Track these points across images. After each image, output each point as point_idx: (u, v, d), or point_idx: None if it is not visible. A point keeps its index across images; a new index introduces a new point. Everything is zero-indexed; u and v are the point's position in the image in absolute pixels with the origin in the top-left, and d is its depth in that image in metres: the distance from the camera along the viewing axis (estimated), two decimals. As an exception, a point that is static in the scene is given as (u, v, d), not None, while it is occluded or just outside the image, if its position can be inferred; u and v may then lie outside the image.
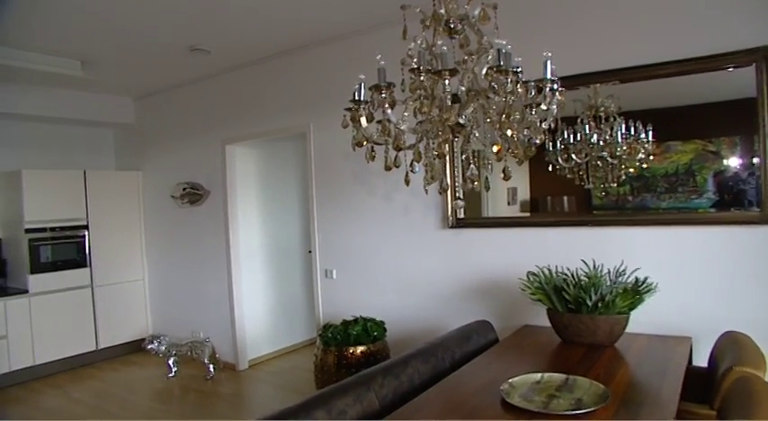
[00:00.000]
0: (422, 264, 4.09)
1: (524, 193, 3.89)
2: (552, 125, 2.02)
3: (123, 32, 4.17)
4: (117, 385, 5.25)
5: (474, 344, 3.16)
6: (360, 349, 3.72)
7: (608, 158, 3.67)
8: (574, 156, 3.78)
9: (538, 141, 1.92)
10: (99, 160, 6.62)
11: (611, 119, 3.69)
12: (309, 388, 4.63)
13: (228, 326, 5.50)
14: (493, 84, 1.89)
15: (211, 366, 5.22)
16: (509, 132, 1.82)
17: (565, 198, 3.85)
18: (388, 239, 4.26)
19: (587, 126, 3.71)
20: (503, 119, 1.80)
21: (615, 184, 3.64)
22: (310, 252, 6.21)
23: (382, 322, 3.92)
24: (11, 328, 5.30)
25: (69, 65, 4.73)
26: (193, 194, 5.58)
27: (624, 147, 3.63)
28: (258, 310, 5.71)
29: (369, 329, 3.77)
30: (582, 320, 2.90)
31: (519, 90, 1.81)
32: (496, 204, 3.92)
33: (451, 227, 3.88)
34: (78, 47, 4.47)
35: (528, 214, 3.84)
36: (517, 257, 3.66)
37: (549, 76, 1.89)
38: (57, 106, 5.75)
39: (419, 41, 1.91)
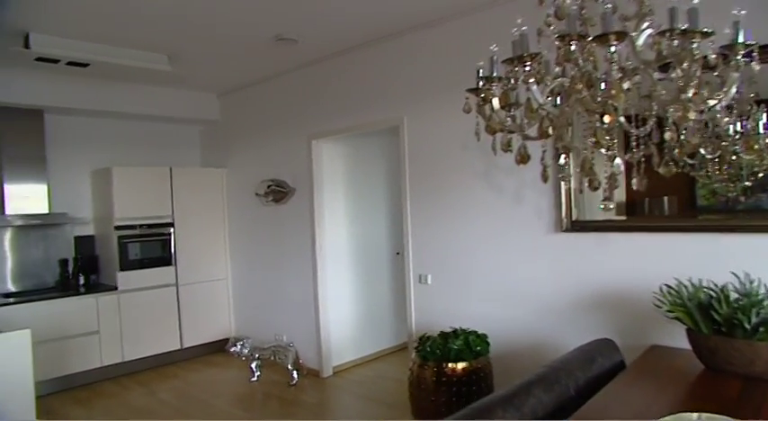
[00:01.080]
0: (529, 271, 3.66)
1: (619, 193, 3.39)
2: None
3: (209, 22, 4.00)
4: (199, 387, 5.14)
5: (598, 368, 2.72)
6: (461, 365, 3.35)
7: (742, 154, 3.13)
8: (702, 150, 3.25)
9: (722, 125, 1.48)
10: (185, 157, 6.62)
11: (749, 107, 3.13)
12: (397, 400, 4.34)
13: (313, 331, 5.27)
14: (665, 53, 1.47)
15: (295, 372, 5.00)
16: (692, 115, 1.41)
17: (665, 199, 3.33)
18: (490, 242, 3.86)
19: (718, 115, 3.18)
20: (684, 97, 1.38)
21: (749, 184, 3.10)
22: (398, 253, 5.96)
23: (485, 336, 3.54)
24: (102, 324, 5.32)
25: (157, 59, 4.64)
26: (278, 192, 5.39)
27: (767, 140, 3.08)
28: (344, 314, 5.46)
29: (471, 344, 3.40)
30: (735, 346, 2.41)
31: (712, 58, 1.39)
32: (592, 205, 3.44)
33: (565, 230, 3.43)
34: (165, 40, 4.37)
35: (624, 217, 3.35)
36: (643, 266, 3.19)
37: (741, 40, 1.45)
38: (146, 103, 5.76)
39: (568, 1, 1.52)
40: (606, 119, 1.41)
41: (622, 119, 1.73)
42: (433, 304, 4.23)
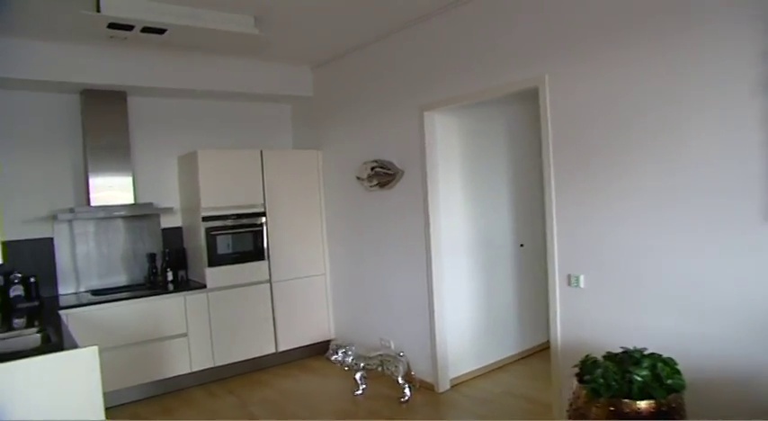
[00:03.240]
0: (736, 275, 2.63)
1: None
2: None
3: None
4: (296, 399, 4.48)
5: None
6: (645, 404, 2.42)
7: None
8: None
9: None
10: (276, 139, 6.01)
11: None
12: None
13: (425, 336, 4.47)
14: None
15: (407, 386, 4.24)
16: None
17: None
18: (674, 235, 2.84)
19: None
20: None
21: None
22: (522, 245, 5.07)
23: (673, 362, 2.57)
24: (191, 326, 4.81)
25: (242, 21, 3.98)
26: (383, 175, 4.59)
27: None
28: (462, 317, 4.61)
29: (661, 374, 2.46)
30: None
31: None
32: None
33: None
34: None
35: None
36: None
37: None
38: (234, 80, 5.20)
39: None
40: None
41: None
42: (586, 313, 3.29)
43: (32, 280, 4.47)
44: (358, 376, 4.44)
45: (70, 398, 2.66)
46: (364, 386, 4.46)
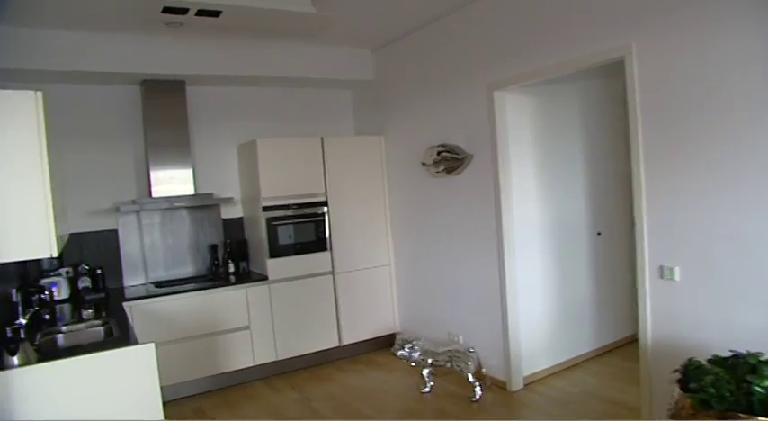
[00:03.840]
0: None
1: None
2: None
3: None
4: (360, 396, 4.31)
5: None
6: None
7: None
8: None
9: None
10: (337, 126, 5.82)
11: None
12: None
13: (498, 332, 4.20)
14: None
15: (477, 384, 3.99)
16: None
17: None
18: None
19: None
20: None
21: None
22: (600, 234, 4.71)
23: (799, 368, 2.21)
24: (253, 319, 4.70)
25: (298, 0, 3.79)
26: (451, 160, 4.31)
27: None
28: (536, 312, 4.31)
29: (786, 384, 2.10)
30: None
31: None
32: None
33: None
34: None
35: None
36: None
37: None
38: (292, 65, 5.04)
39: None
40: None
41: None
42: (681, 309, 2.92)
43: (99, 271, 4.49)
44: (425, 373, 4.22)
45: (128, 394, 2.60)
46: (432, 383, 4.23)
